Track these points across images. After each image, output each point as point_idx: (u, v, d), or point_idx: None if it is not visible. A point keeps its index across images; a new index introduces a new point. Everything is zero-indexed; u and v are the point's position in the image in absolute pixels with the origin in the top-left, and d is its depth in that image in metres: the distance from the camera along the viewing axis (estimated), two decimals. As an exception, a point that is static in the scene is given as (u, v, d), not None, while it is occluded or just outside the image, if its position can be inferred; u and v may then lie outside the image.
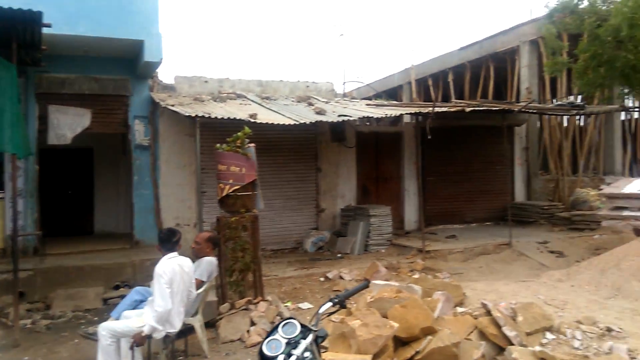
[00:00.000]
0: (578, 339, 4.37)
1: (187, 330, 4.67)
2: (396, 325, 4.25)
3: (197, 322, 4.76)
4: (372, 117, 9.66)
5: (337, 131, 11.06)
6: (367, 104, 11.37)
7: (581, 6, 9.73)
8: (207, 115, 8.01)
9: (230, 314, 5.51)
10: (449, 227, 11.88)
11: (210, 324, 5.49)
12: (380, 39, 47.30)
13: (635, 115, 15.25)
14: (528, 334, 4.41)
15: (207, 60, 42.25)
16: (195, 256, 5.23)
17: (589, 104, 12.88)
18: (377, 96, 18.04)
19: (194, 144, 8.19)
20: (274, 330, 2.60)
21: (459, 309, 5.11)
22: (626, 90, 10.90)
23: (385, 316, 4.49)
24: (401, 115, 10.98)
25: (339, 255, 9.68)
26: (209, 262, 5.13)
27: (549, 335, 4.45)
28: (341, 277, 7.77)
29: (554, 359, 3.86)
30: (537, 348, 4.07)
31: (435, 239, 10.42)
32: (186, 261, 4.63)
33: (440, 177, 12.26)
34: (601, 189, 8.10)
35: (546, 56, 11.43)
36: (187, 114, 8.11)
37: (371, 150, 11.88)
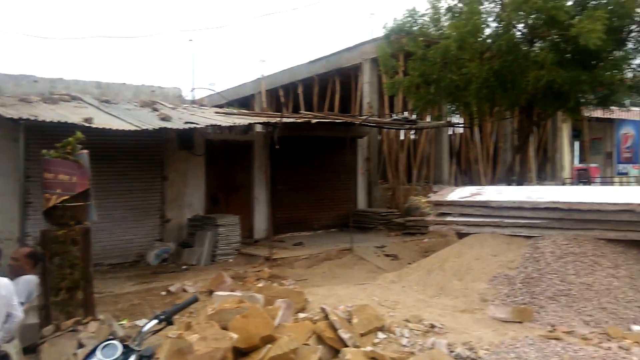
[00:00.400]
0: (406, 337, 4.69)
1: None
2: (236, 336, 4.20)
3: (13, 348, 4.23)
4: (219, 125, 9.54)
5: (185, 138, 10.74)
6: (217, 112, 11.21)
7: (414, 28, 10.65)
8: (32, 118, 7.24)
9: (55, 336, 5.00)
10: (297, 235, 12.15)
11: (30, 349, 4.92)
12: (233, 47, 47.21)
13: (460, 130, 17.06)
14: (362, 335, 4.63)
15: (40, 61, 38.49)
16: (13, 274, 4.66)
17: (421, 120, 14.15)
18: (229, 104, 17.92)
19: (19, 150, 7.36)
20: (91, 353, 2.40)
21: (301, 315, 5.20)
22: (452, 108, 12.17)
23: (226, 328, 4.42)
24: (252, 124, 11.02)
25: (185, 267, 9.36)
26: (27, 281, 4.61)
27: (380, 335, 4.71)
28: (185, 290, 7.50)
29: (383, 357, 4.10)
30: (369, 348, 4.29)
31: (283, 246, 10.60)
32: (2, 281, 4.11)
33: (289, 186, 12.51)
34: (429, 197, 8.90)
35: (384, 74, 12.28)
36: (9, 116, 7.26)
37: (221, 158, 11.72)
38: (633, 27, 9.48)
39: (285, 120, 9.84)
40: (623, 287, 5.55)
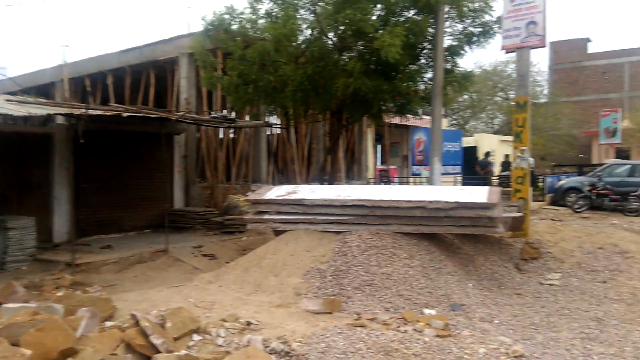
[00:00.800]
0: (222, 337, 4.66)
1: None
2: (29, 352, 3.75)
3: None
4: (10, 114, 8.38)
5: (-35, 129, 9.22)
6: (8, 100, 9.82)
7: (234, 27, 10.63)
8: None
9: None
10: (106, 237, 11.25)
11: None
12: (30, 28, 42.05)
13: (278, 131, 17.55)
14: (176, 339, 4.49)
15: None
16: None
17: (240, 119, 14.22)
18: (25, 92, 15.93)
19: None
20: None
21: (108, 323, 4.86)
22: (270, 109, 12.44)
23: (17, 344, 3.91)
24: (52, 115, 9.89)
25: (-36, 278, 8.04)
26: None
27: (195, 337, 4.61)
28: (-37, 305, 6.42)
29: (197, 359, 4.02)
30: (183, 352, 4.17)
31: (88, 250, 9.72)
32: None
33: (97, 184, 11.51)
34: (248, 196, 8.99)
35: (202, 70, 12.04)
36: None
37: (13, 153, 10.35)
38: (425, 44, 10.74)
39: (92, 112, 9.04)
40: (417, 275, 6.25)
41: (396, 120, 15.18)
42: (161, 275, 8.50)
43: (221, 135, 15.29)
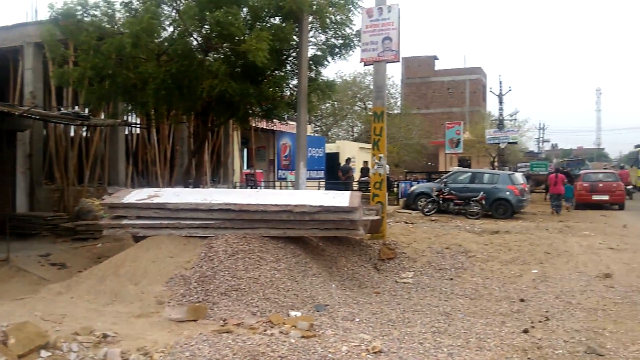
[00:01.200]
0: (74, 352, 4.32)
1: None
2: None
3: None
4: None
5: None
6: None
7: (86, 19, 9.85)
8: None
9: None
10: None
11: None
12: None
13: (138, 130, 16.64)
14: (21, 357, 4.09)
15: None
16: None
17: (95, 116, 13.25)
18: None
19: None
20: None
21: None
22: (129, 107, 11.74)
23: None
24: None
25: None
26: None
27: (44, 353, 4.22)
28: None
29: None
30: (29, 371, 3.78)
31: None
32: None
33: None
34: (104, 199, 8.38)
35: (51, 61, 11.01)
36: None
37: None
38: (291, 52, 10.95)
39: None
40: (283, 278, 6.33)
41: (262, 124, 15.24)
42: (1, 287, 7.59)
43: (72, 134, 14.11)
